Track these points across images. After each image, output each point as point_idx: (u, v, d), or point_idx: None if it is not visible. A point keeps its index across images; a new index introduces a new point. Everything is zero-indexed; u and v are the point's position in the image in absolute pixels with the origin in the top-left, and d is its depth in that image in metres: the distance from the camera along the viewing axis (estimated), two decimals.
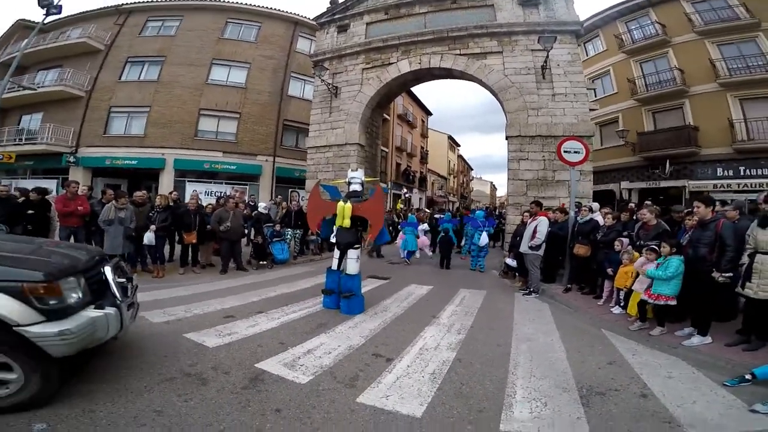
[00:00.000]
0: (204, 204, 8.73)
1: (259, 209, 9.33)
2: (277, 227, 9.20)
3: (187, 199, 8.96)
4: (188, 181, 16.92)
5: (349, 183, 5.51)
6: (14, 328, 2.29)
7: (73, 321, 2.46)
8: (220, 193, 14.65)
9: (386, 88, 13.44)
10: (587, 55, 19.36)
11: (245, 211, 8.94)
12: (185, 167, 17.08)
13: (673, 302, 4.29)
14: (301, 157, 17.33)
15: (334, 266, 5.32)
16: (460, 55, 12.13)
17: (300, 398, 2.73)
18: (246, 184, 17.46)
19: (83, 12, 19.76)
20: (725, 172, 13.76)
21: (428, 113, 34.88)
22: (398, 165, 27.14)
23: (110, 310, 2.67)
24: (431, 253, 11.23)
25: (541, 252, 6.62)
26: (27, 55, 18.53)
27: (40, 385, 2.42)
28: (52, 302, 2.41)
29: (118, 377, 2.83)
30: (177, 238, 7.93)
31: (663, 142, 14.96)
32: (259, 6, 19.60)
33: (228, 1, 19.60)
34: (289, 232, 9.69)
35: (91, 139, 17.00)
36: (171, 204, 7.83)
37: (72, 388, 2.59)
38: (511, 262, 7.79)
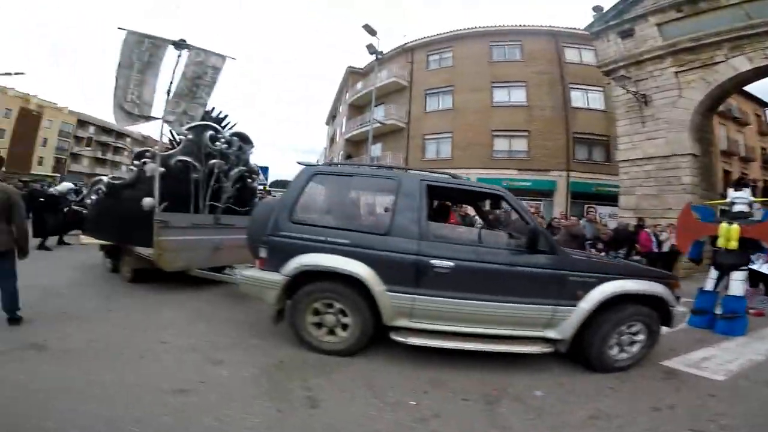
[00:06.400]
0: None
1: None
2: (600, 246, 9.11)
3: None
4: None
5: (733, 203, 5.39)
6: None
7: None
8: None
9: (718, 90, 11.88)
10: None
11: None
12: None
13: None
14: (597, 170, 17.13)
15: (709, 287, 5.38)
16: None
17: (724, 391, 3.34)
18: (539, 200, 18.06)
19: (383, 54, 23.52)
20: None
21: (765, 105, 26.52)
22: (727, 173, 22.09)
23: None
24: None
25: None
26: (361, 97, 24.59)
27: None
28: None
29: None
30: None
31: None
32: (514, 25, 20.21)
33: (484, 27, 20.86)
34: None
35: (416, 164, 20.76)
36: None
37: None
38: None
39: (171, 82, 5.16)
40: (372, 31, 15.89)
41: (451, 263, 3.29)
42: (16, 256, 3.74)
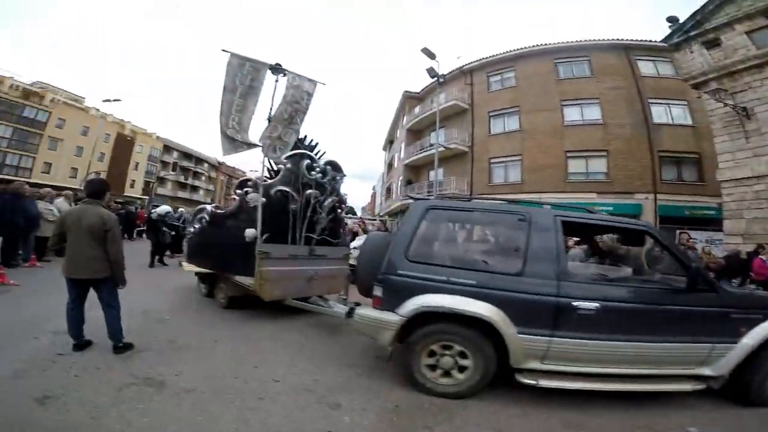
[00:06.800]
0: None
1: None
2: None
3: None
4: None
5: None
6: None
7: None
8: None
9: None
10: None
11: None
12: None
13: None
14: (688, 191, 15.61)
15: None
16: None
17: None
18: None
19: (440, 76, 24.18)
20: None
21: None
22: None
23: None
24: None
25: None
26: (419, 121, 24.61)
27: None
28: None
29: None
30: None
31: None
32: (578, 41, 19.35)
33: (546, 44, 20.13)
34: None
35: (480, 188, 20.52)
36: None
37: None
38: None
39: (271, 108, 5.25)
40: (431, 55, 15.77)
41: (596, 304, 3.07)
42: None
